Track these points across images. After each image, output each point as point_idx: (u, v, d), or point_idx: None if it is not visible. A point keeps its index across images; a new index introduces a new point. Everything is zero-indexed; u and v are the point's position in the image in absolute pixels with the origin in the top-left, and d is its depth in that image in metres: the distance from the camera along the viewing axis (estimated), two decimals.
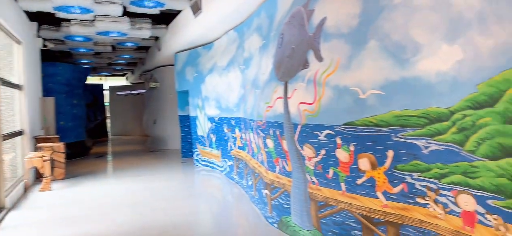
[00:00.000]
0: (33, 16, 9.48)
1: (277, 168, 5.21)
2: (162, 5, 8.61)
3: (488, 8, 2.41)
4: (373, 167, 3.53)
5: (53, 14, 8.94)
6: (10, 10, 7.61)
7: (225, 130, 9.01)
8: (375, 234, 3.62)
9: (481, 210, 2.62)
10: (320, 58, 3.99)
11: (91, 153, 14.89)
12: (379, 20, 3.36)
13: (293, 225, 4.80)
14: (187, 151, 12.97)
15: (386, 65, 3.27)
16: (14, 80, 8.26)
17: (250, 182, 7.06)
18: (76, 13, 8.79)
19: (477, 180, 2.60)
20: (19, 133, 8.34)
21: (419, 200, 3.15)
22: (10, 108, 7.91)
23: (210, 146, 10.35)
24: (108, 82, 26.06)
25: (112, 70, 21.57)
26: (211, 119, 9.97)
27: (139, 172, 10.24)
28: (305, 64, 4.24)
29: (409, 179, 3.21)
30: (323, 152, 4.08)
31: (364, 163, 3.61)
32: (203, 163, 10.94)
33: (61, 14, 8.88)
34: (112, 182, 9.11)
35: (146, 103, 18.65)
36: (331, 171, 4.03)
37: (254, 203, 6.67)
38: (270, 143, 5.31)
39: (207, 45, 10.61)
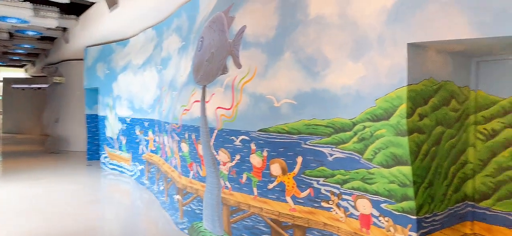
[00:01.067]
0: None
1: (191, 173, 5.15)
2: None
3: (386, 31, 2.71)
4: (284, 172, 3.70)
5: None
6: None
7: (137, 133, 8.64)
8: None
9: (376, 213, 2.91)
10: (239, 65, 4.07)
11: None
12: (295, 34, 3.55)
13: (204, 230, 4.78)
14: (93, 153, 12.13)
15: (299, 76, 3.47)
16: None
17: (161, 187, 6.86)
18: None
19: (373, 185, 2.89)
20: None
21: (324, 204, 3.38)
22: None
23: (120, 148, 9.83)
24: (2, 73, 23.19)
25: (8, 59, 19.25)
26: (122, 120, 9.48)
27: (38, 175, 9.27)
28: (224, 70, 4.29)
29: (315, 184, 3.43)
30: (238, 157, 4.15)
31: (275, 168, 3.77)
32: (111, 166, 10.33)
33: None
34: (3, 187, 8.09)
35: (48, 99, 17.01)
36: (244, 176, 4.12)
37: (165, 209, 6.49)
38: (185, 147, 5.24)
39: (122, 41, 10.10)
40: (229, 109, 4.21)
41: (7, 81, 21.53)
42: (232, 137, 4.20)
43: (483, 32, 2.19)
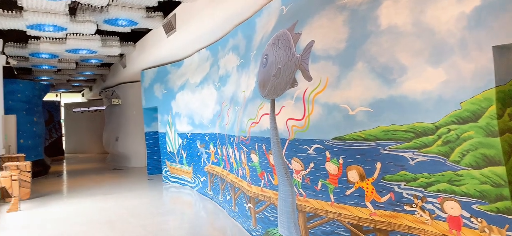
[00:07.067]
0: None
1: (262, 182, 5.38)
2: (135, 24, 8.57)
3: (469, 36, 2.79)
4: (362, 178, 3.81)
5: (23, 32, 8.51)
6: None
7: (198, 146, 9.06)
8: None
9: (466, 214, 2.95)
10: (309, 78, 4.26)
11: (50, 171, 14.18)
12: (366, 44, 3.69)
13: None
14: (153, 168, 12.78)
15: (373, 84, 3.59)
16: None
17: (228, 197, 7.16)
18: (49, 31, 8.50)
19: (462, 187, 2.94)
20: None
21: (407, 207, 3.46)
22: None
23: (181, 162, 10.31)
24: (63, 98, 24.98)
25: (70, 86, 20.73)
26: (182, 135, 9.96)
27: (107, 190, 9.95)
28: (294, 83, 4.49)
29: (396, 189, 3.52)
30: (311, 165, 4.32)
31: (353, 174, 3.89)
32: (173, 179, 10.84)
33: (32, 32, 8.48)
34: (81, 201, 8.78)
35: (106, 120, 18.12)
36: (319, 183, 4.27)
37: (233, 217, 6.76)
38: (254, 157, 5.48)
39: (176, 62, 10.66)
40: (300, 120, 4.40)
41: (68, 106, 23.19)
42: (305, 146, 4.37)
43: None
